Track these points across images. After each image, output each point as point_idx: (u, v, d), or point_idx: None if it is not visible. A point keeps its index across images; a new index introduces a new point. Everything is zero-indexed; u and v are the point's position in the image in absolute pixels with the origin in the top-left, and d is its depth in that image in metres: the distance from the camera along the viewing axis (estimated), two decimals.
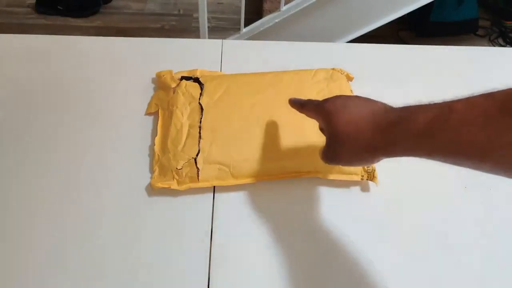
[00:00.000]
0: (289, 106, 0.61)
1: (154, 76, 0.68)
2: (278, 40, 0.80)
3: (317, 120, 0.47)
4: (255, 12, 1.76)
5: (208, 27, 1.40)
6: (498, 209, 0.55)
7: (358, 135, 0.40)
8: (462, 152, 0.32)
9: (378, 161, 0.41)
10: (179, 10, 2.02)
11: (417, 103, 0.37)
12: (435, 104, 0.35)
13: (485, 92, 0.31)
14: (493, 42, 2.01)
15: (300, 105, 0.50)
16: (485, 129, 0.30)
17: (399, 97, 0.68)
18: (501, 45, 1.99)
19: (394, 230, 0.53)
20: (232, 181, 0.54)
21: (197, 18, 1.38)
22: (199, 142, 0.56)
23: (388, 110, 0.40)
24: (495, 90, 0.31)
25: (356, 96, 0.44)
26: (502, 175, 0.31)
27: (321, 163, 0.54)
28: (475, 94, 0.32)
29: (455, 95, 0.70)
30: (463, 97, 0.32)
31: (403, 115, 0.37)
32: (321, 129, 0.48)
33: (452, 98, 0.33)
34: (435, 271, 0.50)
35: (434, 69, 0.74)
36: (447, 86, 0.71)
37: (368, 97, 0.45)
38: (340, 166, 0.45)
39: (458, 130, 0.32)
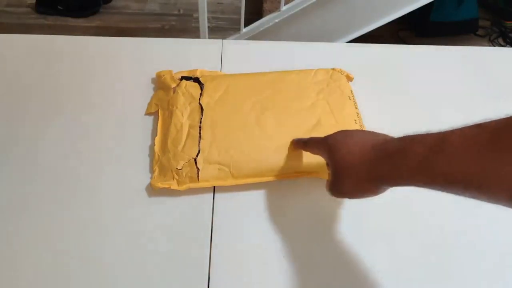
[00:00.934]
0: (288, 106, 0.61)
1: (154, 76, 0.68)
2: (278, 40, 0.80)
3: (321, 155, 0.48)
4: (255, 12, 1.76)
5: (208, 27, 1.39)
6: (499, 209, 0.55)
7: (359, 166, 0.41)
8: (458, 183, 0.32)
9: (382, 191, 0.42)
10: (179, 10, 2.02)
11: (414, 133, 0.37)
12: (431, 134, 0.35)
13: (478, 122, 0.32)
14: (493, 42, 2.01)
15: (303, 143, 0.53)
16: (478, 161, 0.30)
17: (399, 97, 0.69)
18: (501, 45, 1.99)
19: (394, 230, 0.53)
20: (232, 181, 0.54)
21: (197, 18, 1.38)
22: (199, 142, 0.56)
23: (387, 141, 0.41)
24: (487, 120, 0.31)
25: (357, 130, 0.46)
26: (503, 205, 0.30)
27: (321, 164, 0.55)
28: (469, 125, 0.32)
29: (455, 95, 0.70)
30: (458, 128, 0.33)
31: (401, 146, 0.38)
32: (327, 165, 0.50)
33: (447, 128, 0.34)
34: (436, 271, 0.50)
35: (434, 69, 0.74)
36: (447, 86, 0.72)
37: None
38: (343, 196, 0.47)
39: (452, 162, 0.32)
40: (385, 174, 0.39)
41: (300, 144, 0.54)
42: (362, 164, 0.41)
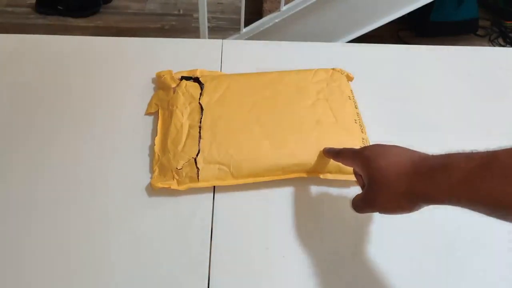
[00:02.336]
0: (288, 106, 0.61)
1: (154, 76, 0.68)
2: (278, 40, 0.80)
3: (355, 167, 0.48)
4: (255, 12, 1.76)
5: (208, 27, 1.40)
6: None
7: (398, 180, 0.40)
8: (504, 203, 0.31)
9: (417, 209, 0.40)
10: (179, 10, 2.02)
11: (458, 151, 0.36)
12: (478, 152, 0.34)
13: None
14: (493, 42, 2.01)
15: (335, 153, 0.52)
16: None
17: (399, 96, 0.69)
18: (501, 45, 1.99)
19: (394, 229, 0.53)
20: (232, 181, 0.54)
21: (197, 18, 1.38)
22: (199, 142, 0.56)
23: (428, 157, 0.40)
24: None
25: (395, 145, 0.44)
26: None
27: (321, 163, 0.55)
28: None
29: (455, 95, 0.69)
30: (508, 147, 0.32)
31: (444, 161, 0.37)
32: (356, 174, 0.50)
33: (497, 147, 0.33)
34: (436, 271, 0.50)
35: (434, 69, 0.75)
36: (447, 86, 0.72)
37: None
38: (374, 209, 0.44)
39: (501, 179, 0.31)
40: (425, 189, 0.38)
41: (332, 154, 0.53)
42: (401, 178, 0.39)
